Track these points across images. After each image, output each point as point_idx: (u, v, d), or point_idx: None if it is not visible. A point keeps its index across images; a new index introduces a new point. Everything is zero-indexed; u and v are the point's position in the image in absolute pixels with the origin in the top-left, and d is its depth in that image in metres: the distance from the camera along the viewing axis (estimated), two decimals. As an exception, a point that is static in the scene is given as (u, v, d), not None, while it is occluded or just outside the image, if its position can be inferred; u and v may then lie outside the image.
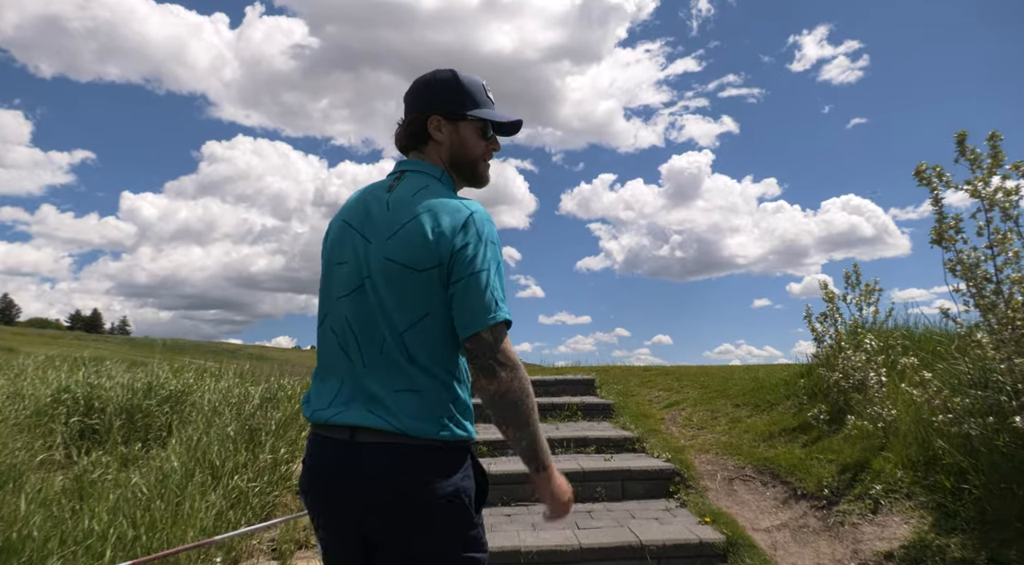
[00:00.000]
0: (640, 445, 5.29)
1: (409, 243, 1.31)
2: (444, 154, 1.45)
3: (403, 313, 1.31)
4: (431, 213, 1.32)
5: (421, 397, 1.30)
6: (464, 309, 1.28)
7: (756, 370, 7.17)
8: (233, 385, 5.20)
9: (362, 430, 1.30)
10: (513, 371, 1.27)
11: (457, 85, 1.45)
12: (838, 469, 4.00)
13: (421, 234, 1.30)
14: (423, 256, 1.30)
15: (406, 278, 1.31)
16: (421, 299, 1.30)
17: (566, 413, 6.46)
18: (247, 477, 3.52)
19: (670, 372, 8.01)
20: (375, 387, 1.31)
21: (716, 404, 6.01)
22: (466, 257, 1.29)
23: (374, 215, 1.39)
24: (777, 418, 5.17)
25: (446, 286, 1.30)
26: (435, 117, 1.44)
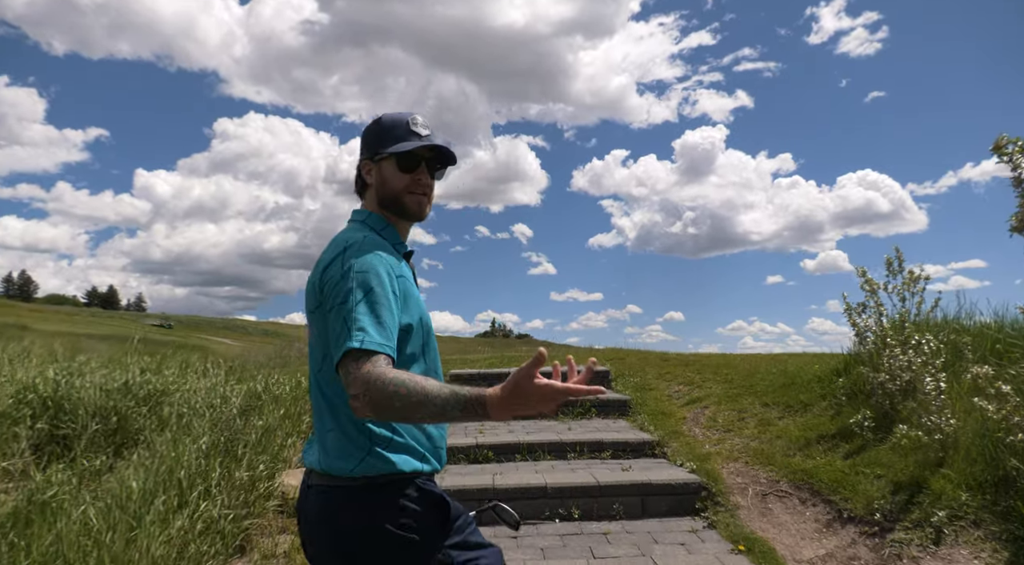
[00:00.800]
0: (661, 450, 4.84)
1: (310, 288, 1.38)
2: (374, 196, 1.50)
3: (314, 355, 1.38)
4: (321, 257, 1.39)
5: (340, 435, 1.33)
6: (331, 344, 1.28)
7: (784, 362, 6.66)
8: (218, 384, 4.79)
9: (312, 472, 1.39)
10: (365, 394, 1.16)
11: (377, 128, 1.50)
12: (890, 487, 3.53)
13: (313, 277, 1.37)
14: (311, 297, 1.36)
15: (312, 323, 1.37)
16: (322, 338, 1.33)
17: (579, 410, 6.01)
18: (220, 499, 3.11)
19: (690, 362, 7.53)
20: (318, 428, 1.40)
21: (742, 402, 5.53)
22: (330, 290, 1.30)
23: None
24: (812, 422, 4.68)
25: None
26: (365, 163, 1.50)
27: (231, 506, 3.09)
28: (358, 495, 1.30)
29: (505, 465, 4.68)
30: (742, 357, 7.72)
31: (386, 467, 1.31)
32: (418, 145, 1.45)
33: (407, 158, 1.46)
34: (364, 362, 1.18)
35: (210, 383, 4.79)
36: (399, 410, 1.14)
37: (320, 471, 1.34)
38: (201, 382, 4.84)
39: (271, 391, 4.66)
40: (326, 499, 1.33)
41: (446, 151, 1.49)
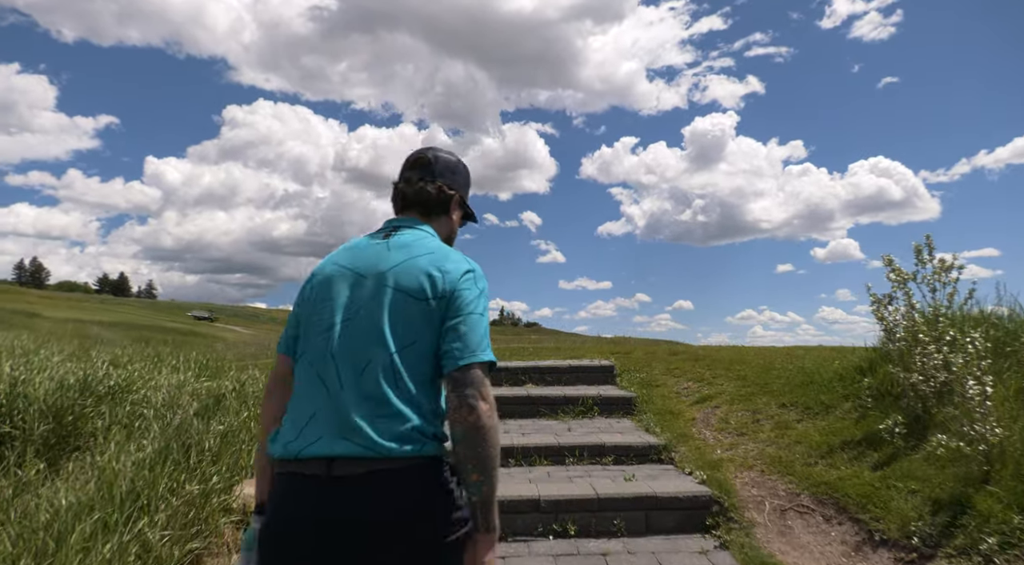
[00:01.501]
0: (667, 455, 4.43)
1: (413, 275, 1.39)
2: (445, 231, 1.60)
3: (394, 339, 1.34)
4: (437, 255, 1.44)
5: (403, 419, 1.30)
6: (459, 342, 1.33)
7: (801, 358, 6.21)
8: (187, 380, 4.42)
9: (340, 461, 1.26)
10: (492, 410, 1.29)
11: (469, 175, 1.69)
12: (928, 506, 3.10)
13: (425, 269, 1.40)
14: (427, 288, 1.38)
15: (405, 305, 1.37)
16: (414, 327, 1.36)
17: (580, 408, 5.61)
18: (167, 513, 2.74)
19: (700, 357, 7.10)
20: (354, 414, 1.29)
21: (757, 402, 5.11)
22: (467, 298, 1.39)
23: (372, 256, 1.45)
24: (835, 426, 4.26)
25: (441, 321, 1.37)
26: (459, 198, 1.62)
27: (177, 525, 2.72)
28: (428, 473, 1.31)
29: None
30: (755, 352, 7.28)
31: (437, 450, 1.35)
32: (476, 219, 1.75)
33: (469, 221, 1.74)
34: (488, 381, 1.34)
35: (179, 379, 4.43)
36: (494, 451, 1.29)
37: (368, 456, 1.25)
38: (172, 378, 4.48)
39: (243, 389, 4.29)
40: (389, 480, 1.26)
41: None
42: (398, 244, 1.46)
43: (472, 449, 1.27)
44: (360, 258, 1.45)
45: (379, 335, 1.34)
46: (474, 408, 1.27)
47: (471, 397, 1.27)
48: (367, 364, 1.32)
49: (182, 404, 3.89)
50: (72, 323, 37.60)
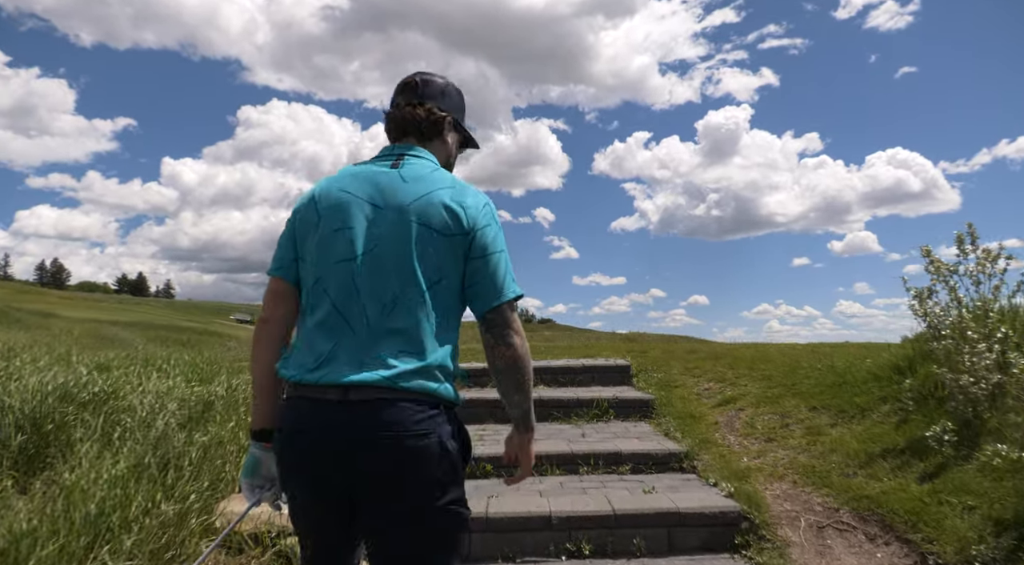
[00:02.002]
0: (689, 463, 4.10)
1: (436, 209, 1.37)
2: (443, 155, 1.55)
3: (423, 275, 1.34)
4: (455, 190, 1.42)
5: (422, 357, 1.32)
6: (487, 283, 1.38)
7: (830, 356, 5.84)
8: (175, 386, 4.16)
9: (356, 387, 1.29)
10: (523, 340, 1.40)
11: (462, 98, 1.63)
12: (989, 525, 2.76)
13: (448, 204, 1.38)
14: (451, 223, 1.36)
15: (429, 241, 1.35)
16: (440, 263, 1.36)
17: (595, 412, 5.29)
18: (139, 536, 2.48)
19: (721, 356, 6.75)
20: (377, 348, 1.31)
21: (784, 404, 4.76)
22: (488, 236, 1.40)
23: (386, 186, 1.41)
24: (873, 431, 3.90)
25: (465, 258, 1.38)
26: (452, 120, 1.56)
27: (146, 550, 2.45)
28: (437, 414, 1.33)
29: (506, 481, 4.00)
30: (779, 349, 6.91)
31: (455, 394, 1.39)
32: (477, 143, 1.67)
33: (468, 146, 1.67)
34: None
35: (167, 385, 4.18)
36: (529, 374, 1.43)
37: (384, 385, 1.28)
38: (160, 383, 4.23)
39: (233, 395, 4.03)
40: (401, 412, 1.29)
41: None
42: (412, 175, 1.42)
43: (513, 377, 1.40)
44: (373, 187, 1.41)
45: (409, 270, 1.34)
46: (511, 344, 1.37)
47: (507, 336, 1.36)
48: (395, 299, 1.33)
49: (167, 412, 3.63)
50: (88, 323, 37.91)
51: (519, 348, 1.38)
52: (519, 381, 1.41)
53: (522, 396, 1.44)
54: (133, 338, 37.49)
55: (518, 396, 1.43)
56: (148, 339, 38.30)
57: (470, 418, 5.27)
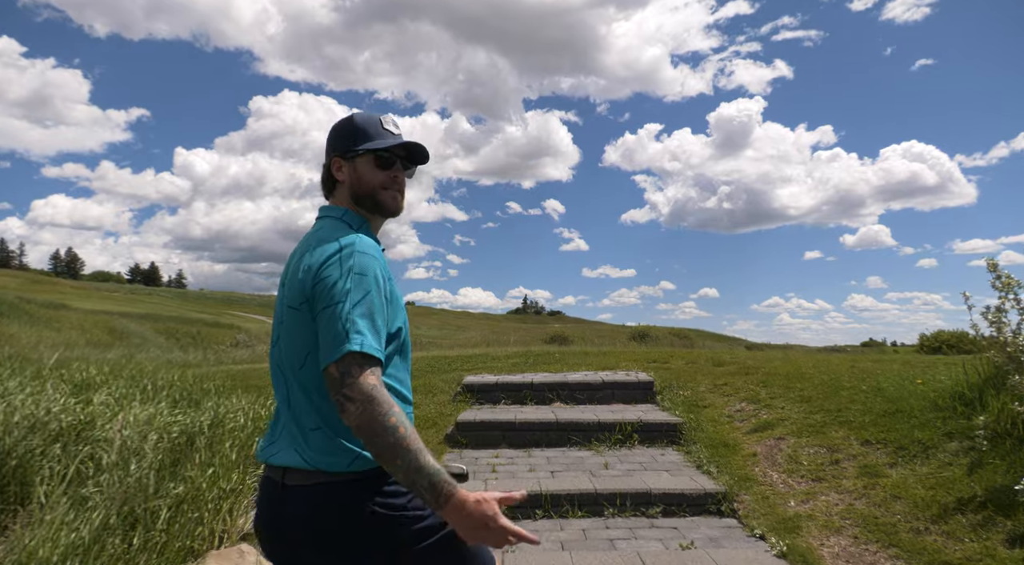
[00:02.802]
0: (728, 506, 3.65)
1: (291, 283, 1.36)
2: (347, 193, 1.49)
3: (296, 353, 1.34)
4: (308, 252, 1.37)
5: (328, 433, 1.31)
6: (321, 346, 1.27)
7: (873, 376, 5.35)
8: (157, 414, 3.75)
9: (289, 471, 1.32)
10: (362, 405, 1.19)
11: (350, 126, 1.50)
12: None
13: (296, 273, 1.35)
14: (297, 293, 1.34)
15: (292, 318, 1.35)
16: (303, 338, 1.33)
17: (618, 436, 4.84)
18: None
19: (750, 370, 6.26)
20: (294, 427, 1.34)
21: (831, 434, 4.28)
22: (324, 290, 1.29)
23: (288, 265, 1.45)
24: (942, 475, 3.43)
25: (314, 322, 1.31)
26: (336, 160, 1.49)
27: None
28: (354, 487, 1.30)
29: (521, 524, 3.57)
30: (814, 364, 6.41)
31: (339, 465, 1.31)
32: (394, 143, 1.48)
33: (384, 156, 1.48)
34: (366, 370, 1.21)
35: (149, 412, 3.76)
36: (383, 443, 1.18)
37: (307, 469, 1.30)
38: (142, 410, 3.82)
39: (220, 425, 3.61)
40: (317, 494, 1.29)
41: (418, 149, 1.51)
42: (296, 250, 1.45)
43: (368, 446, 1.22)
44: (286, 267, 1.46)
45: (287, 355, 1.36)
46: (345, 410, 1.21)
47: (339, 403, 1.22)
48: (287, 382, 1.37)
49: (145, 450, 3.22)
50: (99, 315, 37.85)
51: (353, 415, 1.19)
52: (375, 451, 1.20)
53: (391, 467, 1.20)
54: (143, 331, 37.48)
55: (386, 466, 1.21)
56: (158, 332, 38.31)
57: (482, 442, 4.84)
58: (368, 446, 1.21)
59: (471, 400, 5.79)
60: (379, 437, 1.17)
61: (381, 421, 1.17)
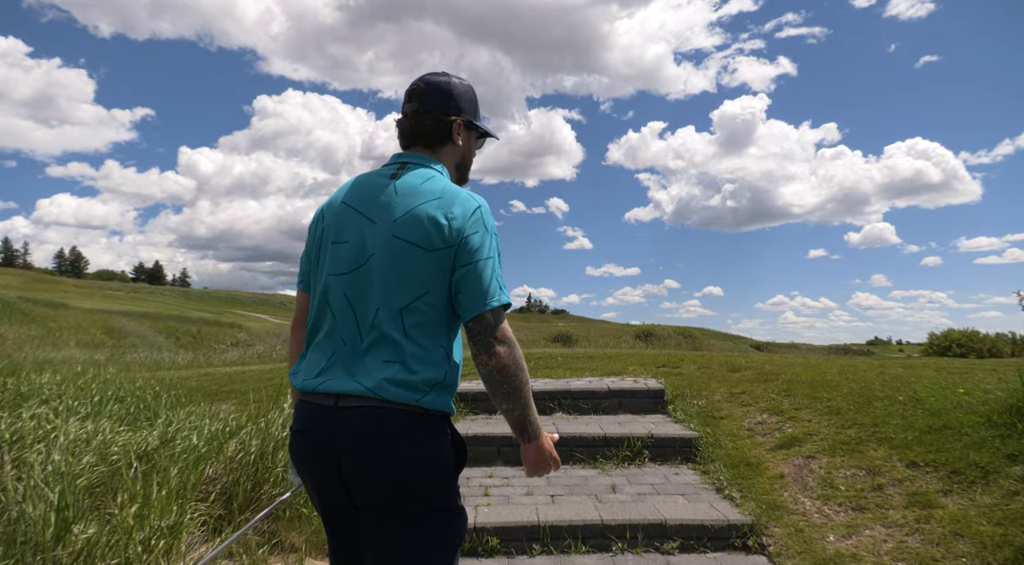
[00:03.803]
0: (756, 541, 3.15)
1: (420, 224, 1.38)
2: (457, 157, 1.58)
3: (405, 289, 1.37)
4: (443, 199, 1.41)
5: (406, 369, 1.34)
6: (469, 292, 1.36)
7: (908, 383, 4.84)
8: (98, 431, 3.26)
9: (346, 396, 1.36)
10: (510, 347, 1.36)
11: (474, 96, 1.59)
12: None
13: (433, 217, 1.38)
14: (434, 237, 1.37)
15: (413, 257, 1.37)
16: (424, 277, 1.37)
17: (626, 453, 4.34)
18: None
19: (769, 376, 5.75)
20: (365, 359, 1.36)
21: (869, 453, 3.77)
22: (473, 244, 1.38)
23: (380, 199, 1.44)
24: (1011, 508, 2.91)
25: (451, 269, 1.38)
26: (459, 121, 1.55)
27: None
28: (417, 423, 1.35)
29: (517, 561, 3.08)
30: (839, 369, 5.89)
31: (442, 405, 1.38)
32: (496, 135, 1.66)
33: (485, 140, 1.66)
34: (506, 321, 1.38)
35: (89, 429, 3.28)
36: (520, 380, 1.37)
37: (370, 396, 1.33)
38: (81, 427, 3.33)
39: (169, 445, 3.11)
40: (382, 420, 1.33)
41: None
42: (406, 187, 1.44)
43: (497, 386, 1.37)
44: (370, 199, 1.45)
45: (391, 285, 1.37)
46: (493, 353, 1.34)
47: (488, 345, 1.34)
48: (378, 313, 1.37)
49: (74, 474, 2.73)
50: (98, 314, 37.50)
51: (503, 357, 1.35)
52: (505, 390, 1.37)
53: (512, 403, 1.39)
54: (142, 330, 37.12)
55: (506, 404, 1.39)
56: (157, 331, 37.95)
57: (476, 459, 4.35)
58: (502, 384, 1.36)
59: (464, 410, 5.30)
60: (517, 376, 1.36)
61: (521, 362, 1.37)
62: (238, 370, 9.30)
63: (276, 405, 3.51)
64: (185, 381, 8.06)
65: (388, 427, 1.32)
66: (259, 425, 3.29)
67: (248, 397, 6.62)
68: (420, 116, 1.52)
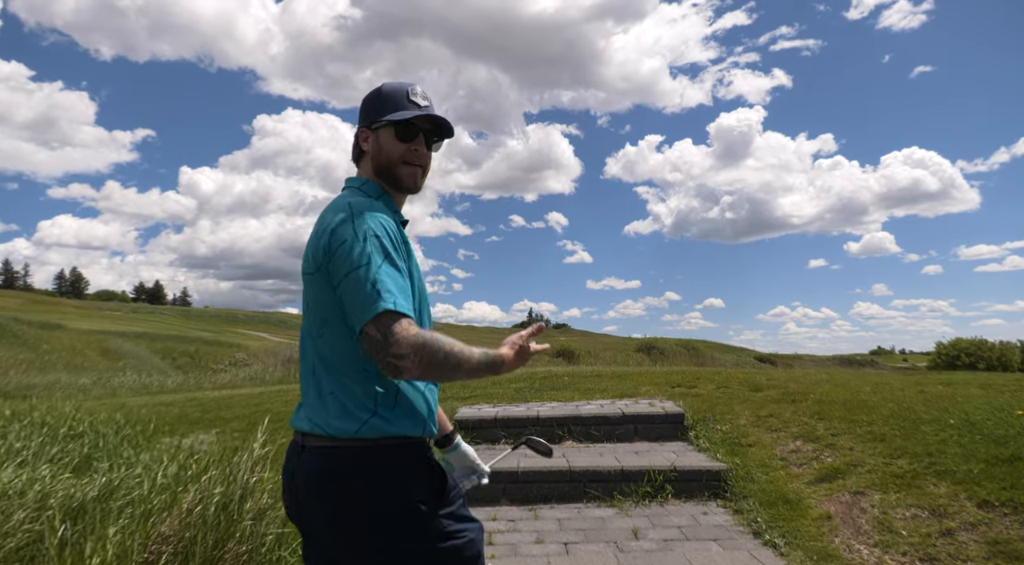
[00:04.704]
0: (811, 602, 2.65)
1: (308, 250, 1.36)
2: (371, 164, 1.48)
3: (312, 319, 1.35)
4: (321, 218, 1.37)
5: (342, 396, 1.30)
6: (349, 312, 1.26)
7: (956, 404, 4.36)
8: (41, 476, 2.79)
9: (307, 435, 1.34)
10: (417, 355, 1.19)
11: (377, 96, 1.48)
12: None
13: (311, 241, 1.36)
14: (310, 261, 1.34)
15: (309, 285, 1.36)
16: (321, 304, 1.33)
17: (646, 489, 3.85)
18: None
19: (797, 396, 5.27)
20: (315, 393, 1.34)
21: (928, 488, 3.29)
22: (343, 255, 1.27)
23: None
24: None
25: (334, 289, 1.29)
26: (363, 130, 1.49)
27: None
28: (362, 458, 1.28)
29: None
30: (873, 387, 5.41)
31: (389, 429, 1.29)
32: (417, 114, 1.44)
33: (405, 127, 1.45)
34: (404, 323, 1.20)
35: (26, 477, 2.80)
36: (448, 369, 1.23)
37: (318, 434, 1.30)
38: (16, 476, 2.86)
39: (113, 494, 2.63)
40: (325, 460, 1.29)
41: (443, 122, 1.47)
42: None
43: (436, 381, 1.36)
44: None
45: (306, 322, 1.38)
46: (399, 370, 1.21)
47: (389, 366, 1.20)
48: (307, 349, 1.38)
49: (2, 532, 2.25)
50: (94, 335, 36.94)
51: (413, 369, 1.20)
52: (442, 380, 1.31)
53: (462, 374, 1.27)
54: (138, 351, 36.53)
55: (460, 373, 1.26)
56: (154, 351, 37.37)
57: (478, 497, 3.86)
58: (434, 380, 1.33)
59: (465, 440, 4.81)
60: (440, 369, 1.22)
61: (440, 359, 1.21)
62: (227, 395, 8.81)
63: (245, 444, 3.03)
64: (168, 408, 7.58)
65: (330, 466, 1.28)
66: (224, 469, 2.81)
67: (231, 426, 6.15)
68: None
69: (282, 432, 5.33)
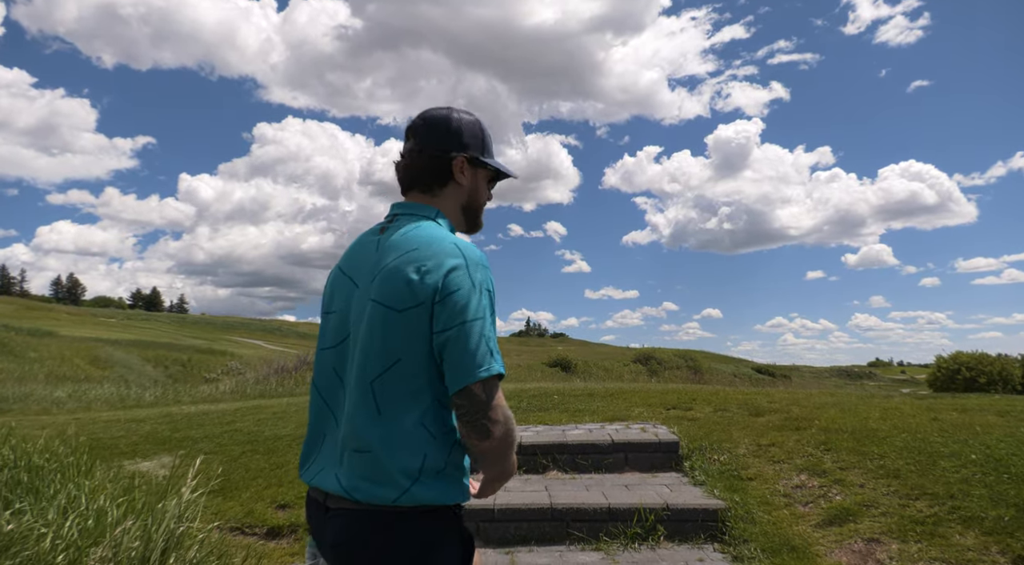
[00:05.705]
0: None
1: (392, 282, 1.23)
2: (462, 198, 1.40)
3: (377, 359, 1.22)
4: (419, 250, 1.25)
5: (380, 456, 1.18)
6: (453, 361, 1.18)
7: (976, 435, 3.99)
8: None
9: (332, 496, 1.25)
10: (505, 426, 1.21)
11: (480, 130, 1.42)
12: None
13: (404, 272, 1.22)
14: (405, 295, 1.21)
15: (386, 320, 1.22)
16: (397, 343, 1.21)
17: (636, 530, 3.47)
18: None
19: (801, 423, 4.89)
20: (339, 444, 1.25)
21: (952, 537, 2.92)
22: (457, 303, 1.19)
23: (364, 259, 1.34)
24: None
25: (428, 331, 1.20)
26: (461, 159, 1.37)
27: None
28: (396, 524, 1.18)
29: None
30: (882, 413, 5.04)
31: (431, 498, 1.19)
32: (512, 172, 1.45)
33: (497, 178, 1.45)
34: (501, 392, 1.20)
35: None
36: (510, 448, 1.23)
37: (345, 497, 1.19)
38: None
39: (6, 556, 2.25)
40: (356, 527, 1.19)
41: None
42: (388, 242, 1.29)
43: (485, 465, 1.27)
44: (356, 260, 1.34)
45: (363, 360, 1.22)
46: (487, 435, 1.18)
47: (479, 427, 1.18)
48: (354, 393, 1.23)
49: None
50: (86, 342, 36.45)
51: (497, 439, 1.19)
52: (496, 472, 1.28)
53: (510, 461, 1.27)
54: (129, 359, 35.97)
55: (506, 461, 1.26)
56: (145, 359, 36.83)
57: (507, 538, 3.49)
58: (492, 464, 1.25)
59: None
60: (507, 456, 1.24)
61: (513, 441, 1.23)
62: (203, 410, 8.40)
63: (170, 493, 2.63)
64: (140, 425, 7.17)
65: (359, 536, 1.18)
66: (145, 518, 2.43)
67: (199, 447, 5.76)
68: (416, 155, 1.37)
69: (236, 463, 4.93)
